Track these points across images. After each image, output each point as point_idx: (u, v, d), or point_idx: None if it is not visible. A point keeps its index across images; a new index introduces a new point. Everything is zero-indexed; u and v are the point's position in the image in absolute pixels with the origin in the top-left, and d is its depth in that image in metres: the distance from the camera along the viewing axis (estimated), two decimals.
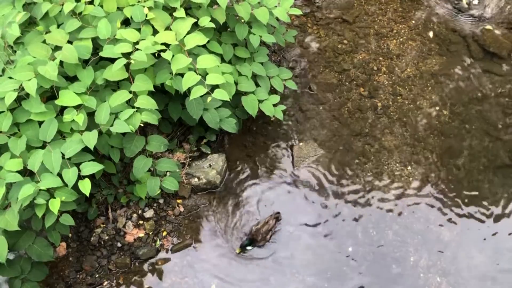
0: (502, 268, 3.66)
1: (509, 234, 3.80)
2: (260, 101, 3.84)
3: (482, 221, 3.85)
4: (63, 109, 3.12)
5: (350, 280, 3.62)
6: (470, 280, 3.62)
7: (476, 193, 3.97)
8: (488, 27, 4.73)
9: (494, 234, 3.79)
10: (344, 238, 3.78)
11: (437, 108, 4.35)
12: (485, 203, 3.92)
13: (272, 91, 4.04)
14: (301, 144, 4.18)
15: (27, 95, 3.02)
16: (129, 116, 3.12)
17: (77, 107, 3.12)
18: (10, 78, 3.01)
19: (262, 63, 3.95)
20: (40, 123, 3.05)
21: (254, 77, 3.90)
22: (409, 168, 4.08)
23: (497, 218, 3.86)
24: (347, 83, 4.48)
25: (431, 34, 4.74)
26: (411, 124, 4.28)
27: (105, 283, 3.62)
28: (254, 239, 3.70)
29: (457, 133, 4.23)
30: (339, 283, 3.61)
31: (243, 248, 3.70)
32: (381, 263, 3.68)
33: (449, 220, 3.85)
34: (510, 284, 3.60)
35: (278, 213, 3.83)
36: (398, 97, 4.41)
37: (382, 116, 4.32)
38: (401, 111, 4.34)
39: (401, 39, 4.71)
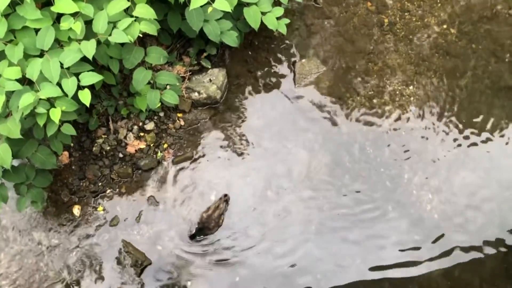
0: (492, 188, 3.77)
1: (503, 155, 3.86)
2: (263, 13, 3.70)
3: (478, 142, 3.90)
4: (59, 16, 3.02)
5: (344, 194, 3.75)
6: (460, 198, 3.74)
7: (476, 113, 3.97)
8: None
9: (488, 155, 3.86)
10: (341, 155, 3.85)
11: (445, 26, 4.22)
12: (483, 124, 3.94)
13: (276, 3, 3.88)
14: (303, 60, 4.11)
15: (21, 0, 2.91)
16: (128, 26, 3.03)
17: (74, 15, 3.02)
18: None
19: None
20: (37, 30, 2.97)
21: None
22: (411, 87, 4.05)
23: (493, 140, 3.91)
24: None
25: None
26: (416, 42, 4.17)
27: (108, 191, 3.75)
28: (206, 227, 3.55)
29: (463, 52, 4.14)
30: (335, 194, 3.74)
31: (192, 239, 3.57)
32: (375, 179, 3.79)
33: (446, 139, 3.89)
34: (498, 203, 3.73)
35: (226, 195, 3.68)
36: (405, 14, 4.25)
37: (388, 33, 4.20)
38: (407, 29, 4.21)
39: None
